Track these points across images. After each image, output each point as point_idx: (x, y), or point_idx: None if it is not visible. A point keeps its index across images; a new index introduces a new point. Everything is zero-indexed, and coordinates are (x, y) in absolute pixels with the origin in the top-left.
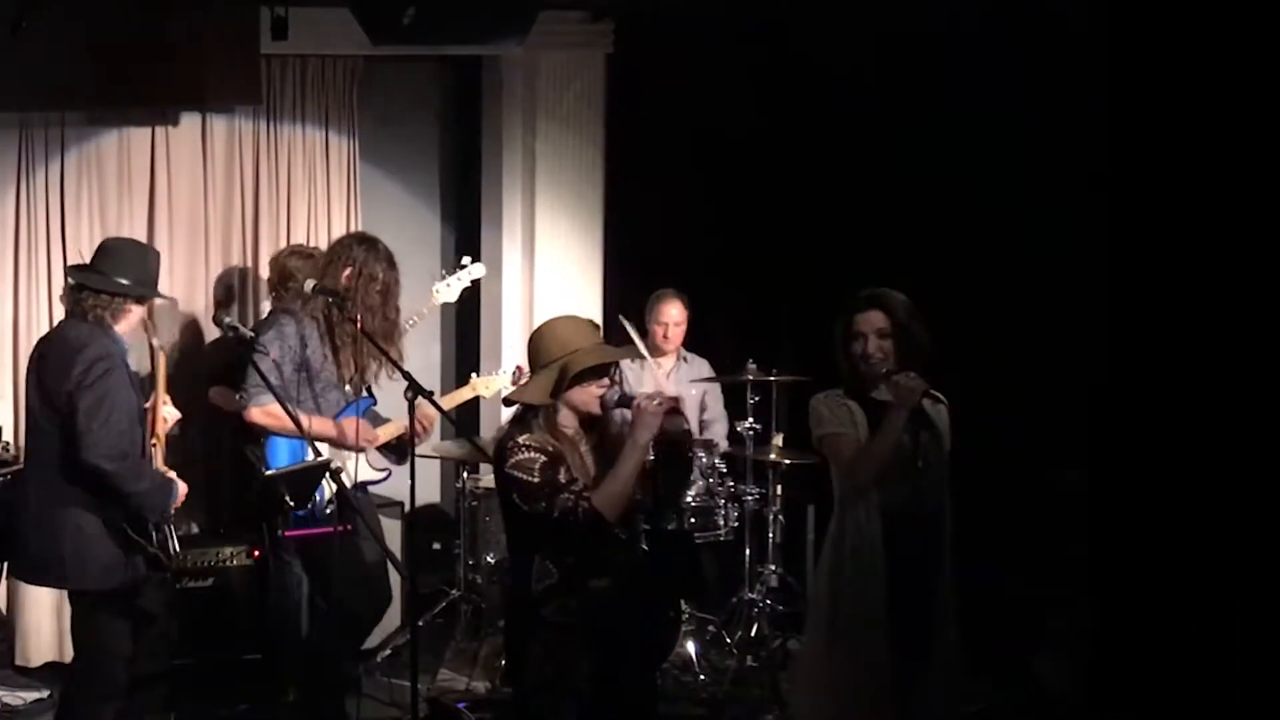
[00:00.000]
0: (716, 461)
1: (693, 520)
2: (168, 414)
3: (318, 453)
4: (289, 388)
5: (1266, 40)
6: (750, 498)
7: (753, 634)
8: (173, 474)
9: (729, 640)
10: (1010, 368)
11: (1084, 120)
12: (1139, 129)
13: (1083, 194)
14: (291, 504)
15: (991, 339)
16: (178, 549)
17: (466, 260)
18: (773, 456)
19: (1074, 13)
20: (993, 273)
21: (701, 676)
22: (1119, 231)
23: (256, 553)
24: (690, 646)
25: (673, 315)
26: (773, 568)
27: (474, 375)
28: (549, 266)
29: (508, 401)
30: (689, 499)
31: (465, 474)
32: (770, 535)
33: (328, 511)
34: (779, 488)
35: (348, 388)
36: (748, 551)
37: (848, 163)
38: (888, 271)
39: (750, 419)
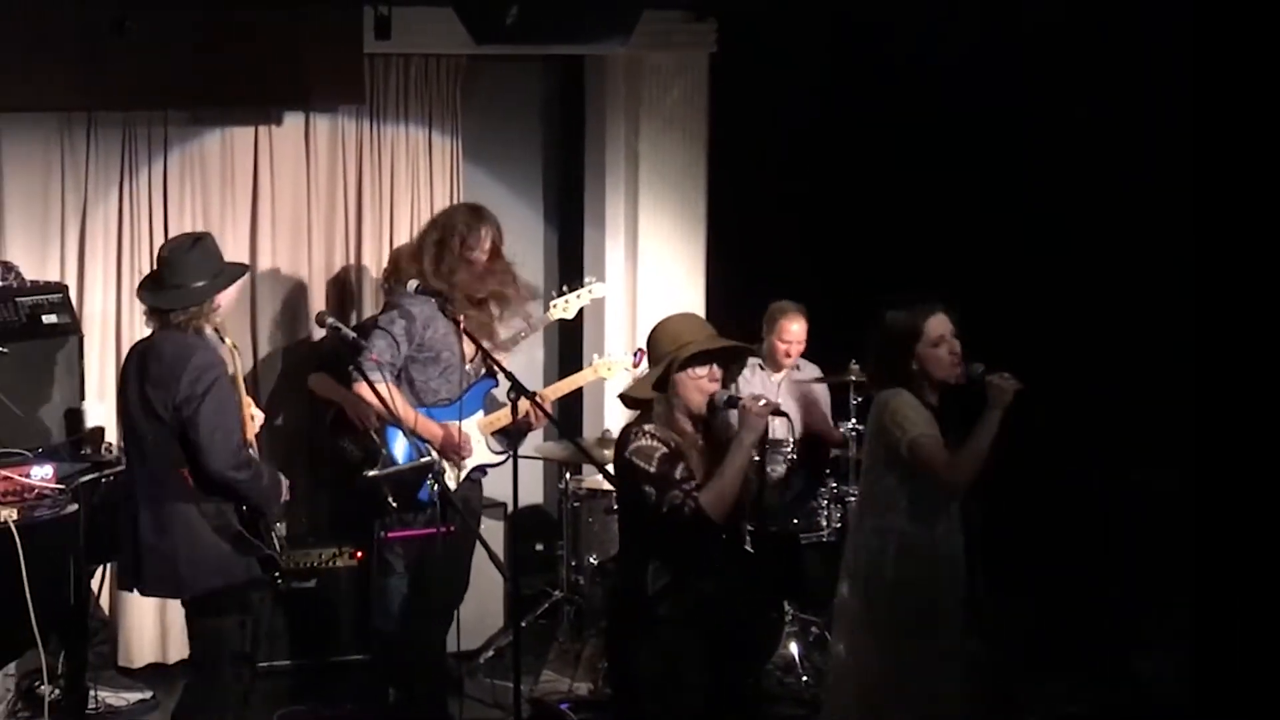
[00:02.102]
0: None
1: (795, 521)
2: (254, 414)
3: (424, 453)
4: (409, 368)
5: None
6: (853, 498)
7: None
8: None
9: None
10: (1109, 367)
11: (1169, 115)
12: (1224, 121)
13: (1170, 188)
14: (394, 504)
15: (1090, 339)
16: (285, 550)
17: (591, 280)
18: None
19: (1159, 9)
20: (1088, 272)
21: (804, 678)
22: (1205, 225)
23: (359, 554)
24: (793, 647)
25: (795, 332)
26: None
27: (595, 357)
28: (652, 267)
29: (624, 398)
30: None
31: (568, 475)
32: None
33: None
34: None
35: (468, 367)
36: None
37: (949, 163)
38: (984, 270)
39: (853, 420)
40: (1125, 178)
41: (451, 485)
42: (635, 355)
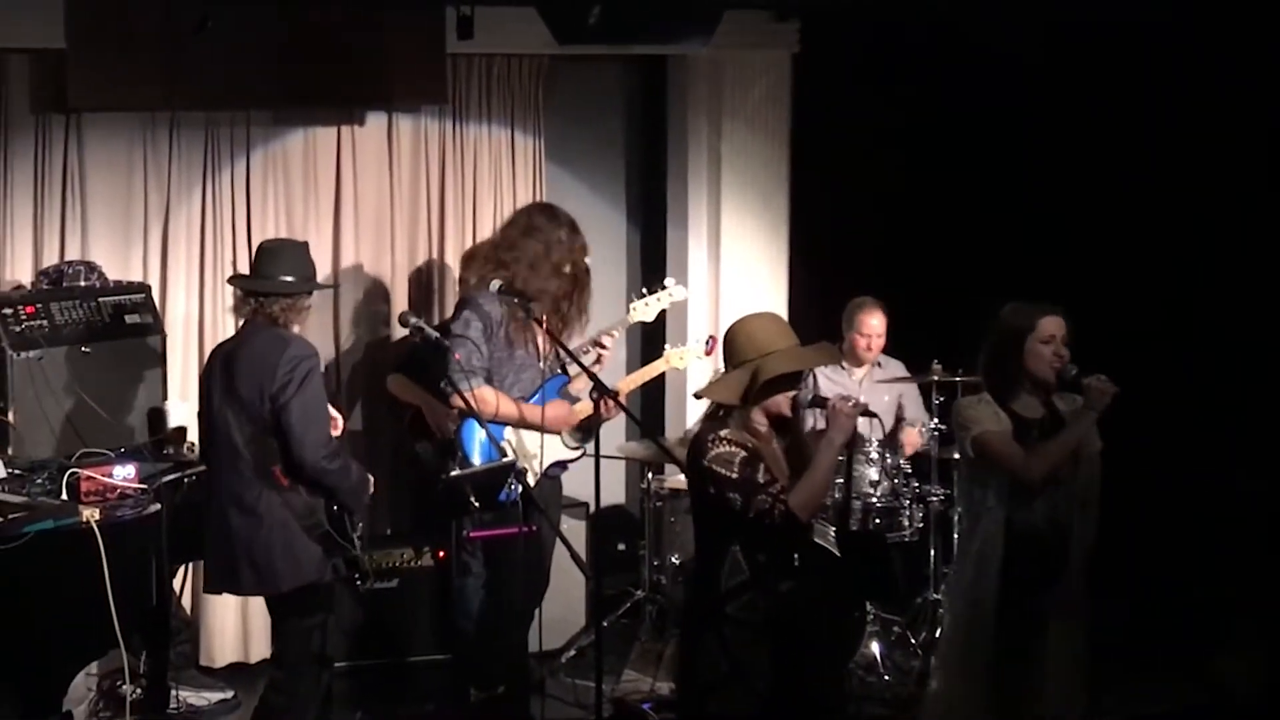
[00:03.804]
0: (902, 462)
1: (878, 521)
2: (334, 416)
3: (503, 452)
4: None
5: None
6: (935, 498)
7: (937, 634)
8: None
9: (914, 641)
10: (1203, 371)
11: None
12: None
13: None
14: (477, 505)
15: (1185, 343)
16: (368, 552)
17: (670, 282)
18: (957, 456)
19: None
20: (1188, 274)
21: (886, 677)
22: None
23: (441, 554)
24: (875, 647)
25: (874, 326)
26: None
27: (667, 347)
28: (735, 267)
29: (700, 395)
30: (875, 499)
31: (650, 475)
32: (955, 535)
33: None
34: None
35: (543, 364)
36: (932, 552)
37: (1036, 161)
38: (1072, 270)
39: (935, 419)
40: (1226, 187)
41: (530, 483)
42: (707, 343)
